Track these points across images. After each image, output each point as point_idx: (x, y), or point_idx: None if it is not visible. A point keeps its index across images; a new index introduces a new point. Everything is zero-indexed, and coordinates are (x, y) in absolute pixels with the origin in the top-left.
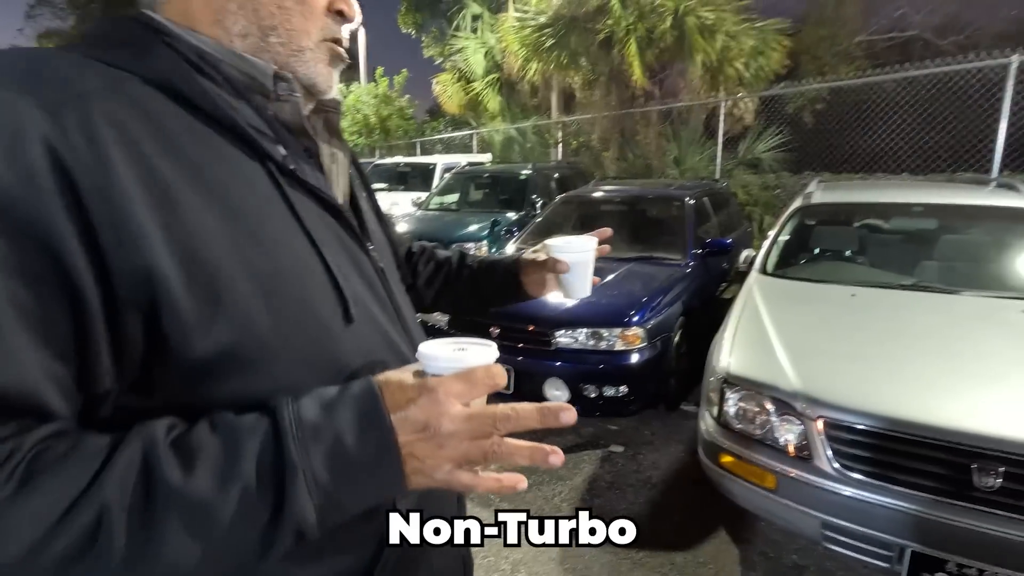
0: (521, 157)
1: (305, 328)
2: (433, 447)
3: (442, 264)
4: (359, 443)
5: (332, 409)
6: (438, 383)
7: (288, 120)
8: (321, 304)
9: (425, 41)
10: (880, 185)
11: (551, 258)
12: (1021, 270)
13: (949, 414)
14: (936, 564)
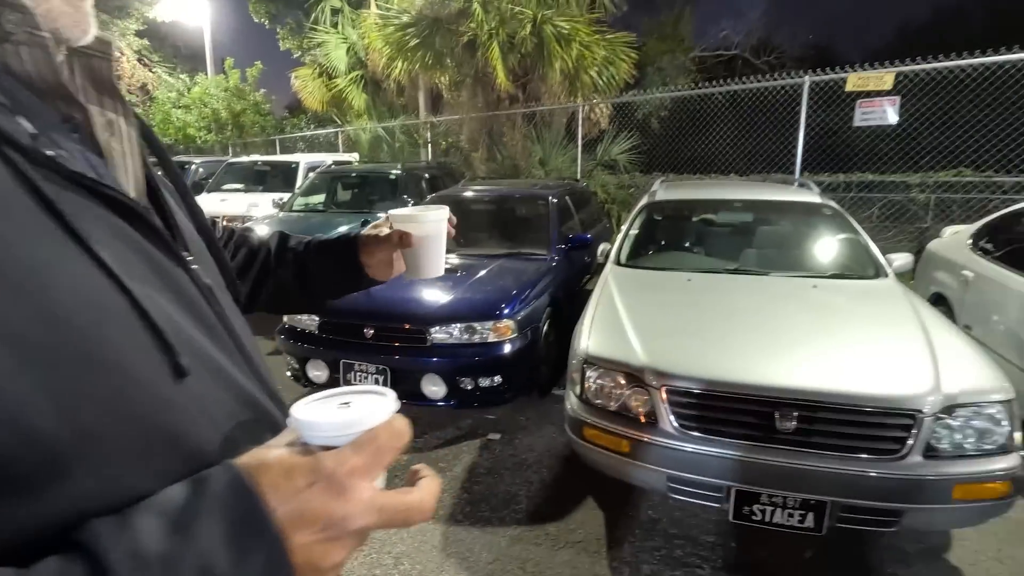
0: (390, 157)
1: (115, 403)
2: (335, 547)
3: (257, 250)
4: (238, 569)
5: (187, 527)
6: (335, 461)
7: (31, 73)
8: (133, 359)
9: (281, 33)
10: (710, 184)
11: (396, 231)
12: (812, 253)
13: (758, 373)
14: (754, 497)
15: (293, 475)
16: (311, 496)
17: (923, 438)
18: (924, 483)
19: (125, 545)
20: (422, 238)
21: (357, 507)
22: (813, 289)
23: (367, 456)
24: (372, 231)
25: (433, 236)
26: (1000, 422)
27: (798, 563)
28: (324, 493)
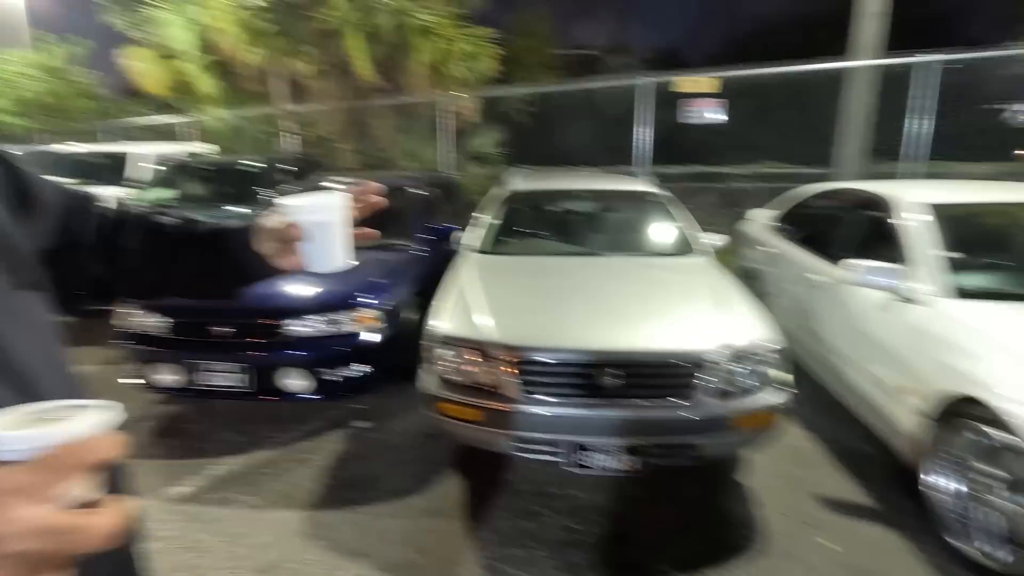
0: (253, 148)
1: None
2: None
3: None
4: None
5: None
6: (7, 476)
7: None
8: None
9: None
10: (558, 174)
11: (282, 222)
12: (640, 236)
13: (588, 339)
14: (586, 448)
15: None
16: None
17: (712, 382)
18: (715, 419)
19: None
20: (314, 228)
21: (9, 527)
22: (638, 266)
23: (39, 473)
24: (264, 220)
25: (326, 226)
26: (772, 366)
27: (630, 502)
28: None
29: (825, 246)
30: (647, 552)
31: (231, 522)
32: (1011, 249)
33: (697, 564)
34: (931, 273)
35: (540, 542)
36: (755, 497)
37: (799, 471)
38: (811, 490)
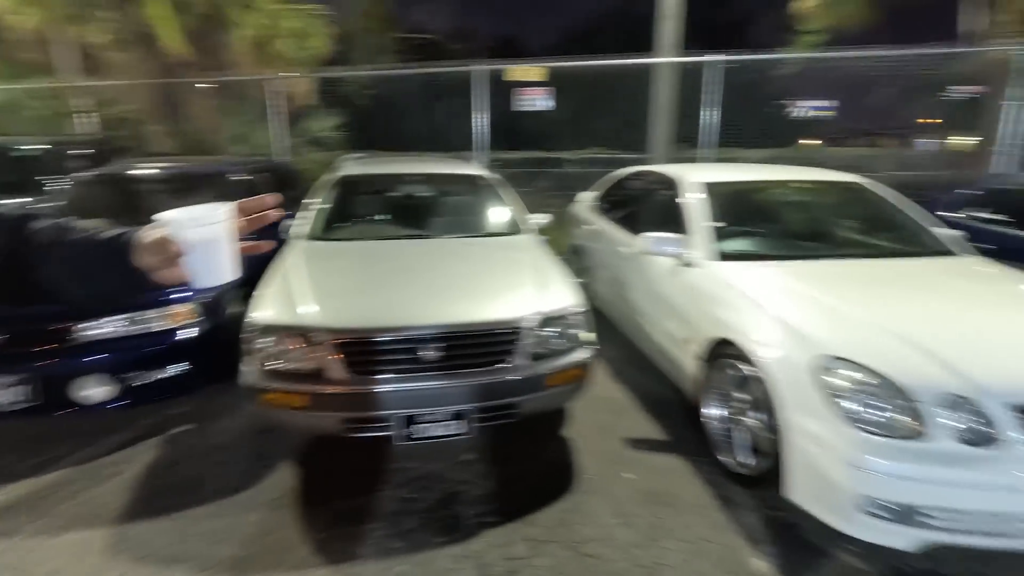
0: (37, 128)
1: None
2: None
3: None
4: None
5: None
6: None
7: None
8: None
9: None
10: (393, 159)
11: (161, 238)
12: (470, 217)
13: (406, 317)
14: (414, 419)
15: None
16: None
17: (526, 347)
18: (529, 379)
19: None
20: (197, 243)
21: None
22: (465, 246)
23: None
24: (142, 235)
25: (210, 239)
26: (577, 327)
27: (461, 465)
28: None
29: (631, 221)
30: (475, 507)
31: (5, 556)
32: (765, 219)
33: (520, 511)
34: (702, 241)
35: (373, 516)
36: (574, 446)
37: (612, 419)
38: (620, 434)
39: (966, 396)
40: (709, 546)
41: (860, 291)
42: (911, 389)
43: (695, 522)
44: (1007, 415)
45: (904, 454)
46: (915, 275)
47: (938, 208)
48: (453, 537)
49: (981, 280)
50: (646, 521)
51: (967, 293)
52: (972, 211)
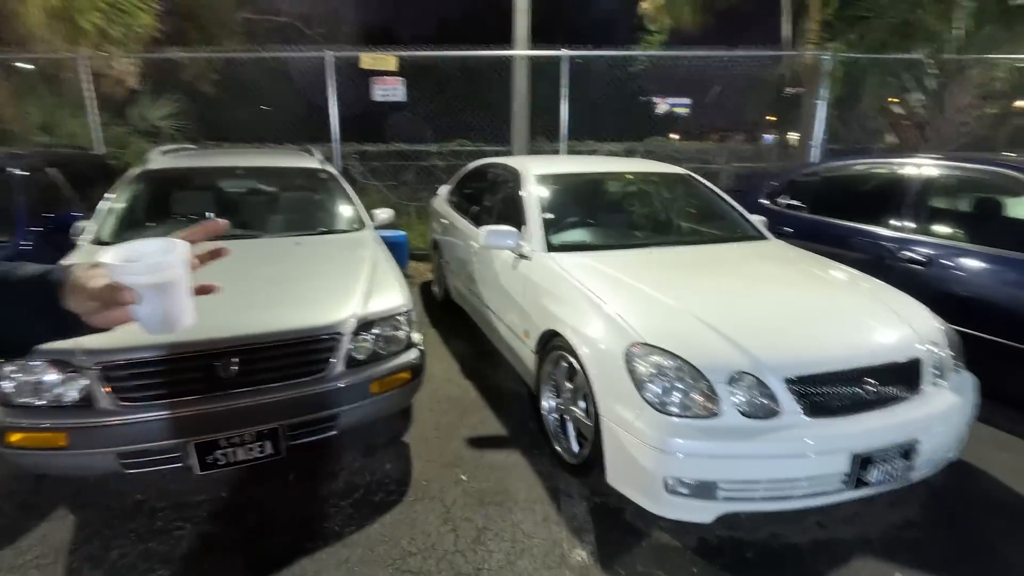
0: None
1: None
2: None
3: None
4: None
5: None
6: None
7: None
8: None
9: None
10: (217, 152)
11: (108, 286)
12: (304, 213)
13: (196, 330)
14: (213, 445)
15: None
16: None
17: (344, 353)
18: (349, 388)
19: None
20: (159, 287)
21: None
22: (289, 246)
23: None
24: (82, 276)
25: (172, 283)
26: (402, 328)
27: (278, 488)
28: None
29: (479, 215)
30: (289, 534)
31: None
32: (596, 210)
33: (339, 532)
34: (534, 232)
35: (168, 560)
36: (411, 451)
37: (455, 418)
38: (462, 434)
39: (751, 373)
40: (533, 542)
41: (673, 277)
42: (705, 369)
43: (523, 519)
44: (782, 388)
45: (700, 432)
46: (724, 259)
47: (759, 196)
48: (258, 573)
49: (777, 262)
50: (473, 524)
51: (763, 275)
52: (780, 198)
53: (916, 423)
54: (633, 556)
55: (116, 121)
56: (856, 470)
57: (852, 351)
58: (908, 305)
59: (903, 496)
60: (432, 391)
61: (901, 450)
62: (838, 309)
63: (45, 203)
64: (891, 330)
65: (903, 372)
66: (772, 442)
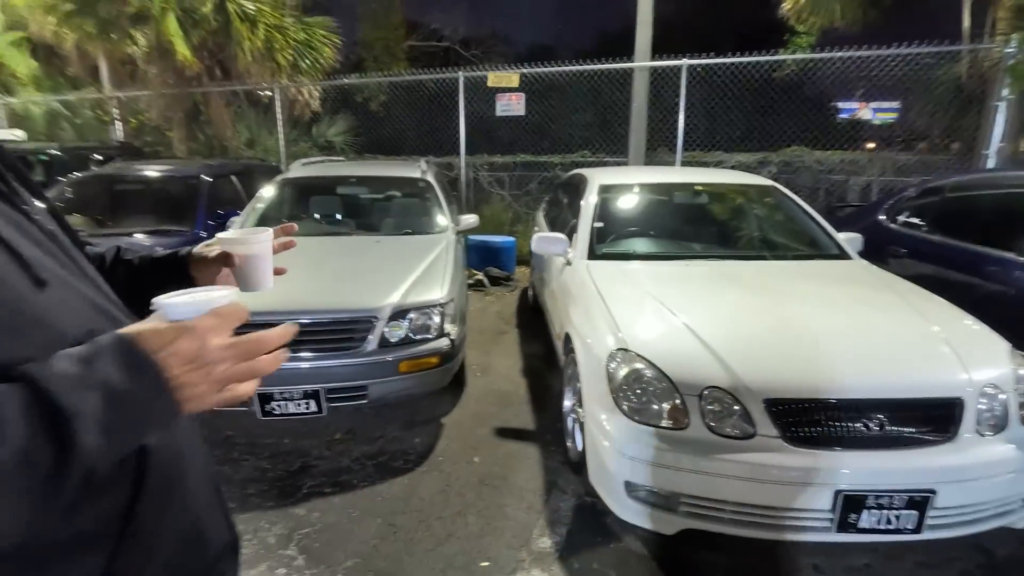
0: (75, 135)
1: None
2: (203, 375)
3: (91, 260)
4: (130, 384)
5: (90, 362)
6: (195, 322)
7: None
8: (3, 271)
9: None
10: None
11: (221, 252)
12: (397, 216)
13: (276, 302)
14: (269, 397)
15: (163, 334)
16: (178, 343)
17: (378, 334)
18: (379, 364)
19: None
20: (247, 257)
21: (213, 349)
22: (376, 244)
23: (216, 320)
24: (203, 250)
25: (258, 255)
26: (434, 318)
27: (324, 443)
28: (187, 340)
29: (555, 222)
30: (319, 479)
31: None
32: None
33: (355, 485)
34: (581, 239)
35: (228, 481)
36: (444, 432)
37: (494, 409)
38: (493, 424)
39: (727, 390)
40: (507, 524)
41: (698, 291)
42: (678, 381)
43: (510, 503)
44: (759, 410)
45: (663, 442)
46: (772, 276)
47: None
48: (282, 503)
49: (835, 282)
50: (463, 499)
51: (803, 295)
52: (901, 216)
53: (935, 472)
54: (595, 554)
55: (302, 138)
56: (841, 511)
57: (856, 381)
58: (977, 341)
59: (944, 557)
60: (487, 383)
61: (908, 499)
62: (869, 336)
63: (222, 203)
64: (929, 365)
65: (934, 412)
66: (740, 463)
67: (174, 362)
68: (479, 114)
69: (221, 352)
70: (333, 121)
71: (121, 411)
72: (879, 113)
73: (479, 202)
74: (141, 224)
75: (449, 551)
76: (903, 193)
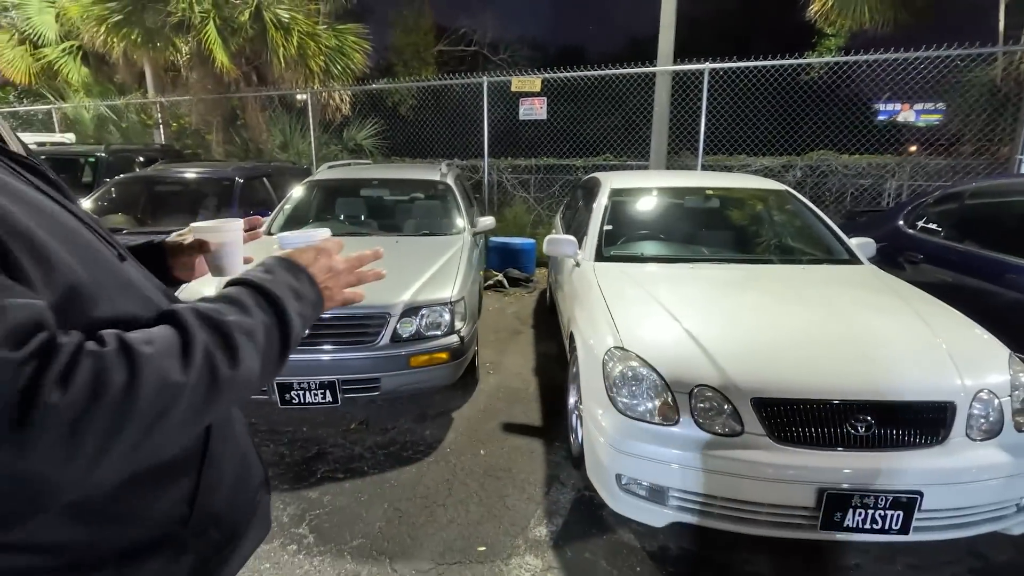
0: (121, 138)
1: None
2: (335, 280)
3: None
4: (299, 284)
5: (272, 272)
6: (326, 247)
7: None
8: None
9: None
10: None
11: (196, 240)
12: (417, 218)
13: None
14: (288, 387)
15: (307, 252)
16: (320, 260)
17: (390, 330)
18: (390, 358)
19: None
20: (220, 245)
21: (337, 263)
22: (395, 244)
23: (334, 246)
24: (177, 239)
25: (230, 243)
26: (444, 315)
27: (340, 432)
28: (323, 258)
29: (572, 225)
30: (332, 465)
31: None
32: (665, 223)
33: (365, 471)
34: (590, 241)
35: None
36: (453, 425)
37: (504, 405)
38: (502, 419)
39: (716, 388)
40: (506, 513)
41: (698, 293)
42: (669, 378)
43: (511, 493)
44: (748, 408)
45: (653, 437)
46: (775, 279)
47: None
48: (297, 486)
49: (838, 286)
50: (467, 488)
51: (804, 297)
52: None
53: (921, 473)
54: (588, 545)
55: (333, 141)
56: (824, 509)
57: (845, 383)
58: (976, 346)
59: (937, 560)
60: (499, 381)
61: (893, 500)
62: (864, 339)
63: (254, 204)
64: (922, 369)
65: (924, 416)
66: (727, 460)
67: (317, 271)
68: (505, 118)
69: (342, 264)
70: (363, 125)
71: (300, 303)
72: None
73: (502, 204)
74: (178, 222)
75: (449, 536)
76: (922, 199)
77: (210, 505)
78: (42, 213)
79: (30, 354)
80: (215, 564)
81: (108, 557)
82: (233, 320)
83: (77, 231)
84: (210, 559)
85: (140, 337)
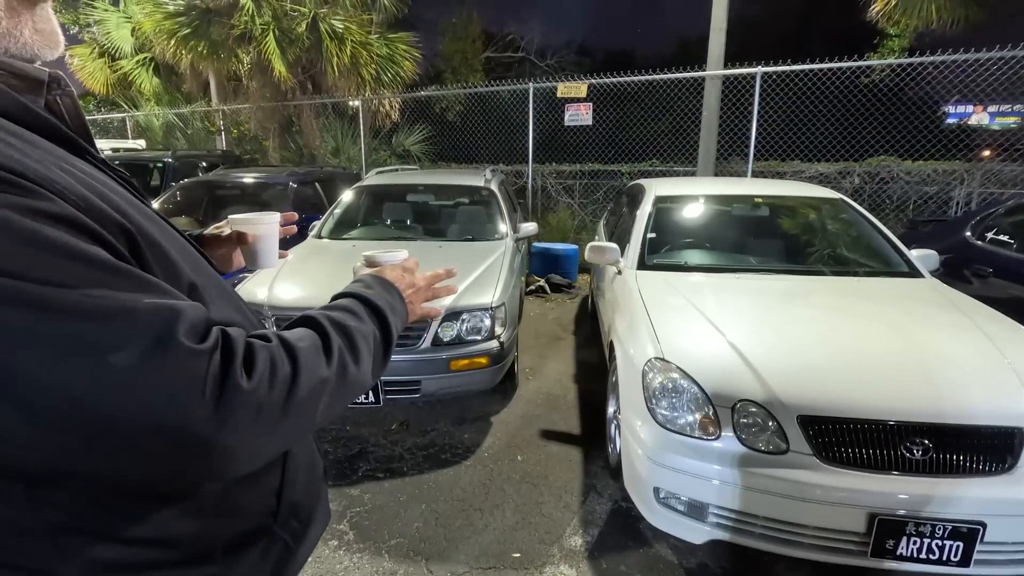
0: (187, 144)
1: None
2: (417, 296)
3: None
4: (391, 299)
5: (370, 287)
6: (408, 266)
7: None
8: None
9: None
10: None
11: (234, 231)
12: (461, 223)
13: None
14: None
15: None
16: (404, 277)
17: (432, 334)
18: (431, 361)
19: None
20: (258, 237)
21: (418, 280)
22: (438, 248)
23: (413, 265)
24: (214, 231)
25: (267, 236)
26: (485, 320)
27: (382, 432)
28: (408, 277)
29: (613, 231)
30: (373, 464)
31: None
32: (711, 232)
33: (404, 471)
34: (633, 249)
35: None
36: (492, 429)
37: (543, 412)
38: (540, 425)
39: (760, 404)
40: (542, 520)
41: (743, 304)
42: (711, 392)
43: (547, 501)
44: (793, 425)
45: (693, 452)
46: (826, 292)
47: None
48: (339, 483)
49: (896, 300)
50: (503, 493)
51: (858, 312)
52: (989, 233)
53: (984, 503)
54: (624, 557)
55: (383, 147)
56: (875, 535)
57: (900, 403)
58: None
59: None
60: (537, 387)
61: (952, 529)
62: (922, 357)
63: (306, 207)
64: (987, 391)
65: (987, 441)
66: (770, 478)
67: (403, 287)
68: (550, 123)
69: (422, 281)
70: (411, 130)
71: (395, 314)
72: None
73: (545, 210)
74: None
75: (485, 540)
76: (993, 208)
77: (292, 496)
78: (151, 219)
79: (214, 345)
80: (293, 552)
81: (216, 550)
82: (354, 326)
83: (177, 236)
84: (291, 548)
85: (293, 335)
